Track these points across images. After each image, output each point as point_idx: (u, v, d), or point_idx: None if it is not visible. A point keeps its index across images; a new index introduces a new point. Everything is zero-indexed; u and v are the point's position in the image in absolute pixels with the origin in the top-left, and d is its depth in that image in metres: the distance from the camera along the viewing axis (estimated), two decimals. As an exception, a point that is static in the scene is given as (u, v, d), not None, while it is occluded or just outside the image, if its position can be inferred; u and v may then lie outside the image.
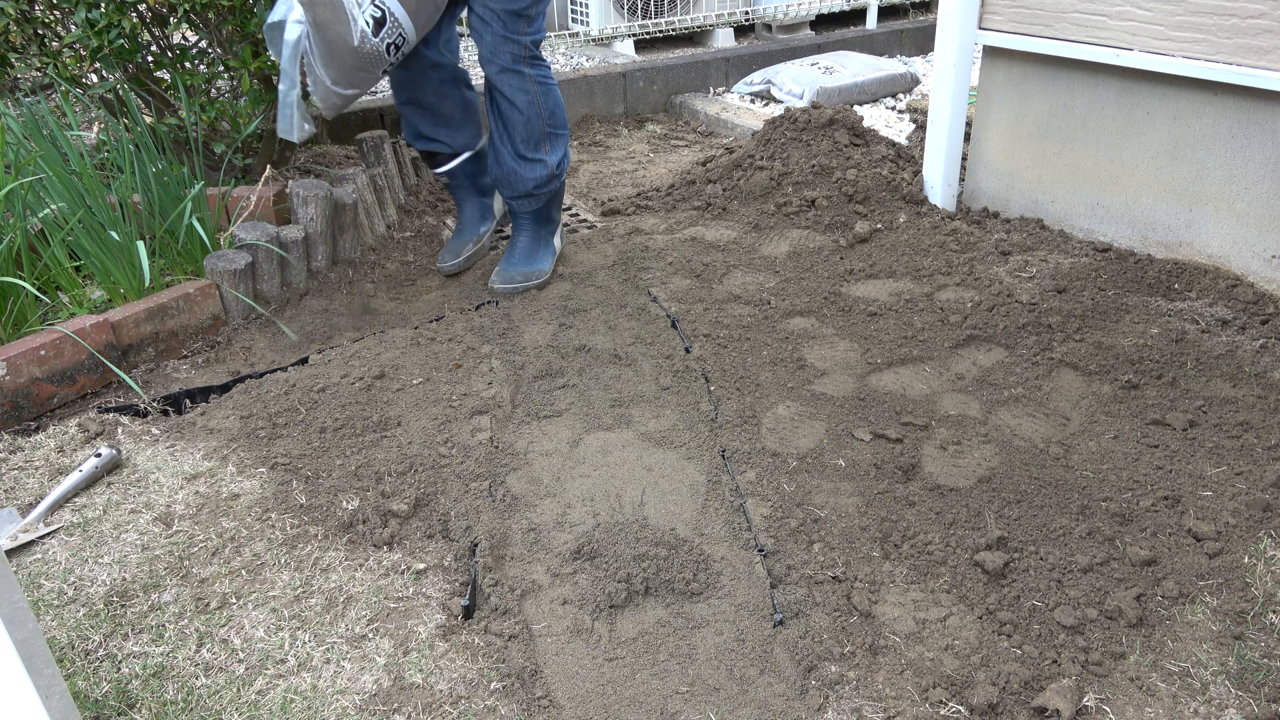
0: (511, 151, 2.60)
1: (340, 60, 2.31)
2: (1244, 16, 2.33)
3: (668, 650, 1.48)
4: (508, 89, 2.51)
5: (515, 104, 2.54)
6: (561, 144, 2.68)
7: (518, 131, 2.57)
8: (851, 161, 3.17)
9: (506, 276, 2.68)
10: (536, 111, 2.57)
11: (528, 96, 2.54)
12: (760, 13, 5.42)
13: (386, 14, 2.31)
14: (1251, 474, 1.82)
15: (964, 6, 2.87)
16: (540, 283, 2.68)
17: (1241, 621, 1.51)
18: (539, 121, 2.58)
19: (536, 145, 2.62)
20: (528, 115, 2.56)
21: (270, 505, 1.82)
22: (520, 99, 2.53)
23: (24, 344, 2.08)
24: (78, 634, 1.53)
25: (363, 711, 1.39)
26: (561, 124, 2.67)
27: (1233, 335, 2.28)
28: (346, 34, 2.27)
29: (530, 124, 2.57)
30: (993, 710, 1.36)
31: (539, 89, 2.56)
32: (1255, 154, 2.44)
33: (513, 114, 2.55)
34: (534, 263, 2.71)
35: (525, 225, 2.75)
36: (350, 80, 2.37)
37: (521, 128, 2.57)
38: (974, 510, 1.75)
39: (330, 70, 2.32)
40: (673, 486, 1.84)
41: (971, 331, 2.37)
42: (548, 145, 2.63)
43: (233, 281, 2.39)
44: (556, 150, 2.66)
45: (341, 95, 2.39)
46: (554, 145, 2.65)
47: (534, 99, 2.55)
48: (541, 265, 2.72)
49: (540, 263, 2.72)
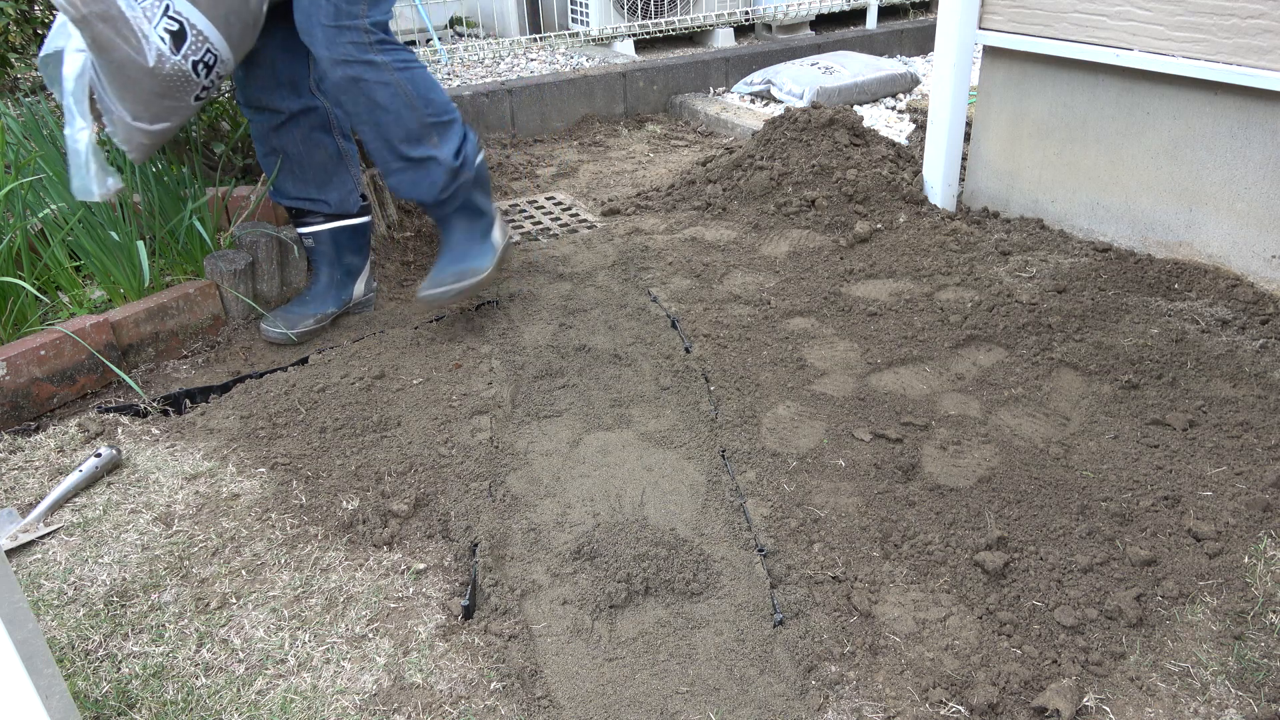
0: (395, 157, 2.23)
1: (137, 88, 1.95)
2: (1244, 16, 2.33)
3: (668, 650, 1.48)
4: (364, 87, 2.12)
5: (377, 101, 2.14)
6: (453, 131, 2.28)
7: (393, 133, 2.19)
8: (851, 161, 3.17)
9: (435, 281, 2.32)
10: (405, 103, 2.17)
11: (390, 89, 2.14)
12: (760, 13, 5.42)
13: (185, 26, 1.93)
14: (1251, 474, 1.82)
15: (964, 6, 2.87)
16: (476, 282, 2.32)
17: (1241, 621, 1.51)
18: (412, 114, 2.19)
19: (419, 141, 2.23)
20: (395, 111, 2.17)
21: (270, 505, 1.82)
22: (381, 94, 2.14)
23: (24, 344, 2.08)
24: (78, 634, 1.53)
25: (363, 711, 1.39)
26: (442, 108, 2.26)
27: (1233, 335, 2.28)
28: (137, 54, 1.89)
29: (402, 119, 2.19)
30: (993, 710, 1.36)
31: (401, 75, 2.16)
32: (1255, 154, 2.44)
33: (378, 115, 2.16)
34: (465, 260, 2.35)
35: (451, 224, 2.40)
36: (155, 113, 2.01)
37: (395, 127, 2.19)
38: (974, 510, 1.75)
39: (127, 102, 1.97)
40: (673, 486, 1.84)
41: (971, 331, 2.37)
42: (435, 137, 2.24)
43: (233, 281, 2.39)
44: (449, 140, 2.27)
45: (148, 132, 2.03)
46: (443, 135, 2.26)
47: (398, 89, 2.16)
48: (476, 263, 2.34)
49: (473, 260, 2.35)
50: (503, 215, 2.48)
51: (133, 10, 1.88)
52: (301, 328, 2.40)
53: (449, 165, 2.26)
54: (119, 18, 1.86)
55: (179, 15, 1.92)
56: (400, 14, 4.99)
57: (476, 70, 4.80)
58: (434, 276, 2.33)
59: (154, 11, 1.90)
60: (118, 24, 1.86)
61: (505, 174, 3.77)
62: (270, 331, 2.39)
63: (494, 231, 2.43)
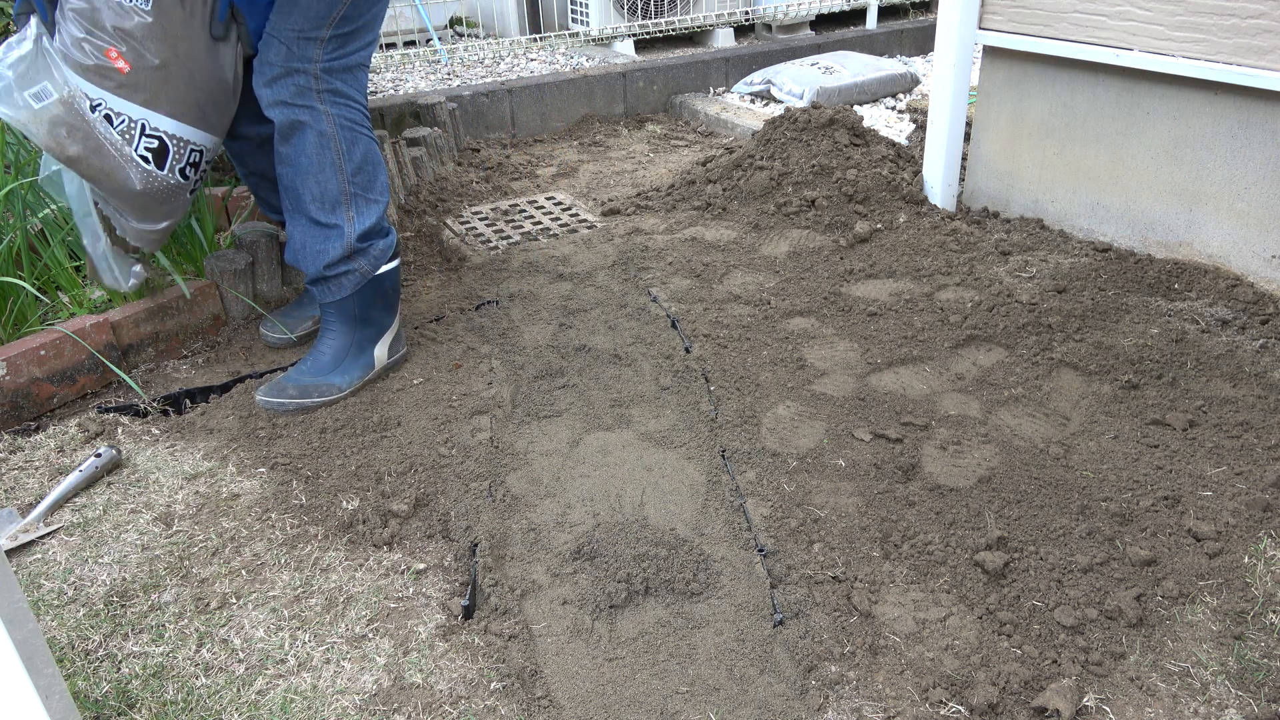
0: (300, 213, 2.06)
1: (134, 202, 1.95)
2: (1244, 16, 2.33)
3: (668, 650, 1.48)
4: (298, 130, 1.98)
5: (304, 149, 1.98)
6: (370, 212, 2.08)
7: (307, 187, 2.02)
8: (851, 161, 3.17)
9: (276, 388, 2.09)
10: (332, 160, 2.00)
11: (323, 140, 1.99)
12: (760, 13, 5.42)
13: (165, 140, 1.89)
14: (1251, 474, 1.82)
15: (964, 6, 2.87)
16: (322, 401, 2.10)
17: (1241, 621, 1.51)
18: (335, 174, 2.01)
19: (333, 207, 2.04)
20: (319, 163, 1.99)
21: (270, 505, 1.82)
22: (310, 143, 1.98)
23: (24, 344, 2.08)
24: (78, 634, 1.53)
25: (363, 711, 1.39)
26: (371, 185, 2.07)
27: (1233, 335, 2.28)
28: (125, 180, 1.89)
29: (323, 176, 2.01)
30: (993, 710, 1.36)
31: (339, 132, 2.00)
32: (1255, 154, 2.44)
33: (300, 161, 1.99)
34: (323, 374, 2.12)
35: (330, 323, 2.16)
36: (158, 214, 2.01)
37: (312, 182, 2.01)
38: (974, 510, 1.75)
39: (130, 212, 1.98)
40: (673, 486, 1.84)
41: (971, 331, 2.37)
42: (350, 209, 2.05)
43: (233, 281, 2.39)
44: (362, 217, 2.06)
45: (157, 230, 2.04)
46: (360, 210, 2.06)
47: (329, 142, 1.99)
48: (333, 379, 2.11)
49: (334, 375, 2.12)
50: (402, 327, 2.31)
51: (108, 135, 1.85)
52: (301, 329, 2.40)
53: (348, 245, 2.06)
54: (99, 150, 1.85)
55: (157, 131, 1.89)
56: (400, 14, 4.99)
57: (476, 70, 4.80)
58: (280, 381, 2.13)
59: (132, 133, 1.87)
60: (101, 155, 1.86)
61: (505, 174, 3.77)
62: (269, 334, 2.38)
63: (379, 345, 2.19)
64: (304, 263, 2.10)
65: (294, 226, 2.09)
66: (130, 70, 1.82)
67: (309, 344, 2.40)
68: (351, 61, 2.02)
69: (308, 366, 2.14)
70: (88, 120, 1.83)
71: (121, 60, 1.81)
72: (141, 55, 1.82)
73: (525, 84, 4.29)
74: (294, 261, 2.13)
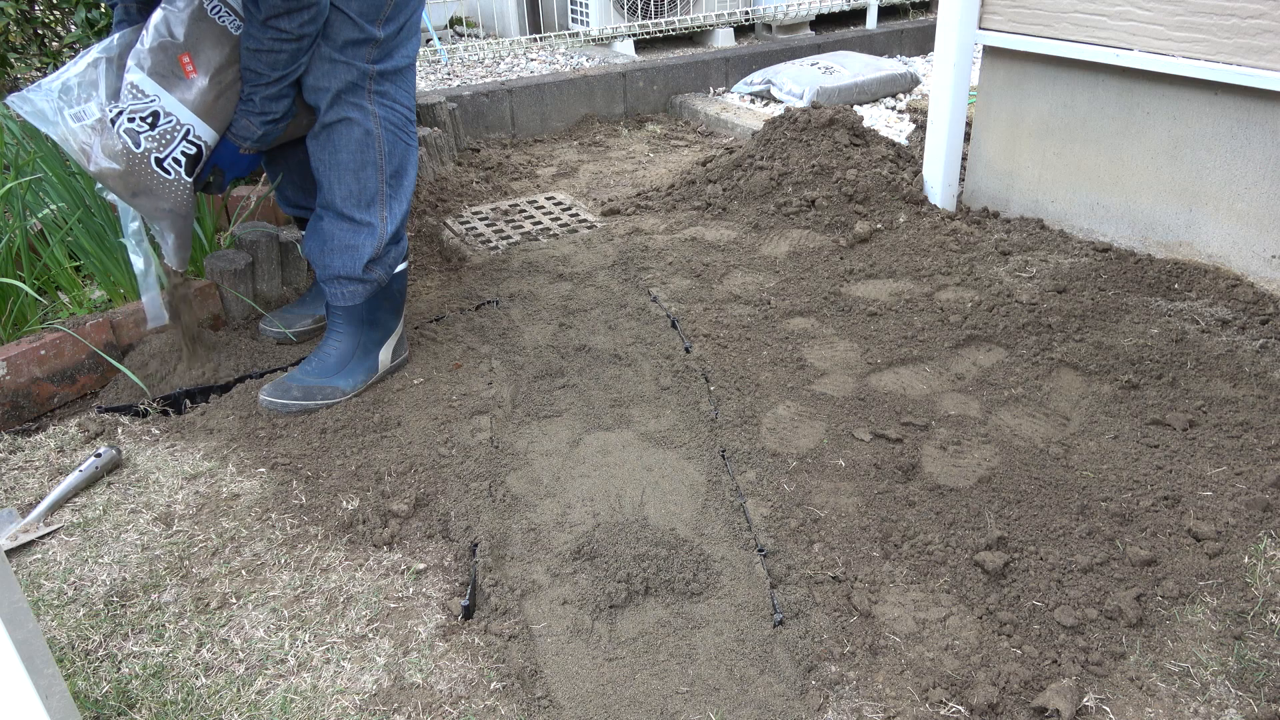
0: (334, 211, 2.07)
1: (171, 219, 1.99)
2: (1244, 16, 2.33)
3: (668, 650, 1.48)
4: (342, 128, 2.00)
5: (346, 142, 2.00)
6: (399, 211, 2.11)
7: (344, 182, 2.04)
8: (851, 161, 3.17)
9: (280, 388, 2.09)
10: (374, 158, 2.03)
11: (364, 135, 2.01)
12: (760, 13, 5.42)
13: (203, 148, 1.94)
14: (1251, 474, 1.82)
15: (964, 6, 2.87)
16: (326, 404, 2.10)
17: (1241, 621, 1.51)
18: (375, 173, 2.04)
19: (368, 204, 2.06)
20: (361, 160, 2.02)
21: (270, 505, 1.82)
22: (353, 135, 2.00)
23: (24, 344, 2.08)
24: (78, 634, 1.53)
25: (363, 711, 1.39)
26: (404, 187, 2.11)
27: (1233, 335, 2.28)
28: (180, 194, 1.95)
29: (363, 174, 2.03)
30: (993, 710, 1.36)
31: (383, 132, 2.03)
32: (1255, 154, 2.44)
33: (341, 156, 2.02)
34: (328, 376, 2.12)
35: (338, 325, 2.16)
36: (180, 227, 2.04)
37: (350, 177, 2.03)
38: (974, 510, 1.75)
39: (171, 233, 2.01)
40: (673, 486, 1.84)
41: (971, 331, 2.36)
42: (383, 208, 2.08)
43: (233, 281, 2.39)
44: (393, 217, 2.10)
45: (181, 244, 2.07)
46: (391, 209, 2.09)
47: (373, 140, 2.02)
48: (337, 381, 2.12)
49: (338, 378, 2.13)
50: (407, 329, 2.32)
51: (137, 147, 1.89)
52: (300, 327, 2.39)
53: (378, 244, 2.08)
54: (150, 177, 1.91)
55: (197, 140, 1.92)
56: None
57: (476, 70, 4.80)
58: (284, 381, 2.12)
59: (173, 136, 1.90)
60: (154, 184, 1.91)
61: (505, 174, 3.77)
62: (269, 331, 2.38)
63: (384, 349, 2.20)
64: (325, 259, 2.10)
65: (323, 221, 2.10)
66: (195, 75, 1.90)
67: (309, 343, 2.40)
68: (393, 65, 2.04)
69: (313, 367, 2.14)
70: (119, 136, 1.87)
71: (190, 65, 1.89)
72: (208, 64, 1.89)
73: (525, 84, 4.29)
74: (313, 255, 2.12)
